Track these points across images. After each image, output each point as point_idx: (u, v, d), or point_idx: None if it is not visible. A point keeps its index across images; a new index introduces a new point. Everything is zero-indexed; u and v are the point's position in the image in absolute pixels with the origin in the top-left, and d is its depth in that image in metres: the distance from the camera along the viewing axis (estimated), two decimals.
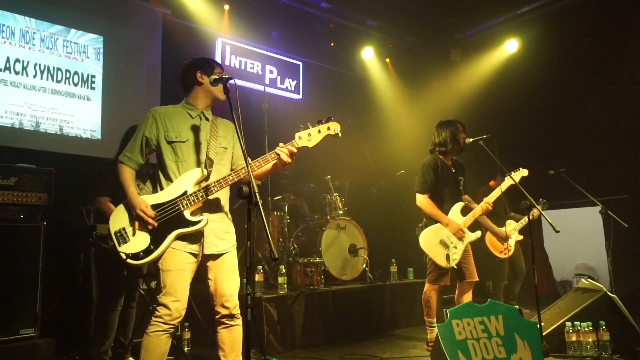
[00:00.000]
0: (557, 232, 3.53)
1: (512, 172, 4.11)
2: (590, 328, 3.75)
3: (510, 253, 5.43)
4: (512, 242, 5.40)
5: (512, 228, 5.48)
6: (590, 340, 3.73)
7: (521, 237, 5.55)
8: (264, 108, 5.34)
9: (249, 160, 2.83)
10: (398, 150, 7.24)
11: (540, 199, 5.49)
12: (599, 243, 5.81)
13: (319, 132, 2.70)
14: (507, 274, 5.49)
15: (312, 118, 2.75)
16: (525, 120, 7.03)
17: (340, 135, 2.73)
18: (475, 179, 5.85)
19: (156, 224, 2.51)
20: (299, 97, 7.00)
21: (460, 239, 3.98)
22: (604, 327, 3.74)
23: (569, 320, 3.85)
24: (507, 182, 4.08)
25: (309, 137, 2.68)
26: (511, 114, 7.03)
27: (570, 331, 3.79)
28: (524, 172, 4.17)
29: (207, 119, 2.78)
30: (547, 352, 3.57)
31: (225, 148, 2.77)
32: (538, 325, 3.06)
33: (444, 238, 3.99)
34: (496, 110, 7.07)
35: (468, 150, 4.25)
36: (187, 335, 4.38)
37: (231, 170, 2.80)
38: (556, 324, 3.88)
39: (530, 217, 3.67)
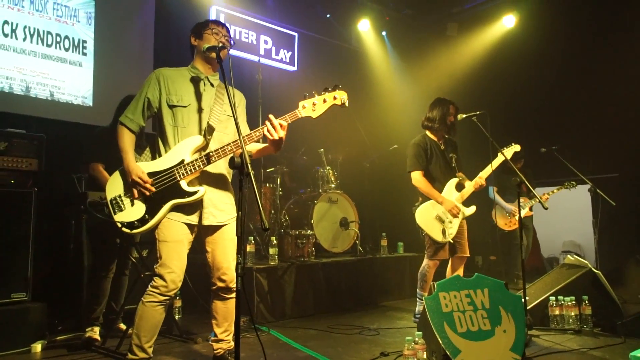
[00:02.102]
0: (546, 209, 3.60)
1: (505, 148, 4.13)
2: (574, 302, 3.87)
3: (514, 226, 5.64)
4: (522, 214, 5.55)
5: (522, 203, 5.63)
6: (572, 314, 3.85)
7: (530, 212, 5.73)
8: (258, 79, 5.29)
9: (246, 129, 2.83)
10: (392, 125, 7.24)
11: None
12: (587, 221, 5.95)
13: (325, 101, 2.62)
14: (516, 244, 5.69)
15: (307, 90, 2.68)
16: (520, 97, 7.05)
17: (347, 104, 2.66)
18: (472, 156, 5.93)
19: (154, 190, 2.49)
20: (294, 68, 6.96)
21: (456, 215, 4.03)
22: (586, 302, 3.85)
23: (553, 295, 3.96)
24: (499, 159, 4.12)
25: (313, 106, 2.60)
26: (506, 90, 7.03)
27: (554, 305, 3.91)
28: (516, 148, 4.19)
29: (212, 84, 2.74)
30: (530, 325, 3.70)
31: (230, 116, 2.73)
32: (523, 299, 3.15)
33: (439, 213, 4.05)
34: (491, 87, 7.06)
35: (455, 133, 4.28)
36: (178, 303, 4.45)
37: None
38: (540, 298, 3.99)
39: (522, 197, 3.74)
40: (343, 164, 6.09)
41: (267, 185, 5.51)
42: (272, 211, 5.40)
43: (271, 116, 2.55)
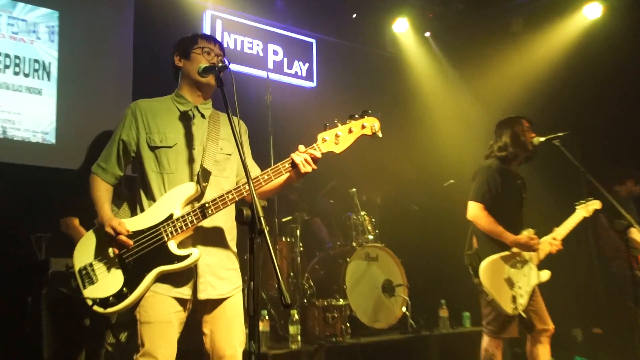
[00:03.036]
0: None
1: (581, 203, 4.11)
2: None
3: None
4: None
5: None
6: None
7: None
8: (267, 101, 5.32)
9: (255, 171, 2.79)
10: (445, 153, 7.16)
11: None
12: None
13: (350, 131, 2.61)
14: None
15: (329, 112, 2.71)
16: (612, 111, 6.93)
17: (380, 135, 2.65)
18: (547, 194, 5.74)
19: (132, 243, 2.48)
20: (313, 84, 7.01)
21: (535, 248, 3.93)
22: None
23: None
24: (577, 216, 4.06)
25: (336, 138, 2.60)
26: (597, 101, 6.93)
27: None
28: (594, 204, 4.13)
29: (202, 115, 2.75)
30: None
31: (229, 155, 2.73)
32: None
33: (511, 274, 3.92)
34: (573, 98, 6.98)
35: (537, 155, 4.21)
36: None
37: (237, 184, 2.77)
38: None
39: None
40: (383, 207, 6.01)
41: (283, 239, 5.45)
42: (291, 274, 5.32)
43: (300, 146, 2.59)
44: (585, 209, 4.10)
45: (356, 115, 2.65)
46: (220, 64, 2.61)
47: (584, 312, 5.49)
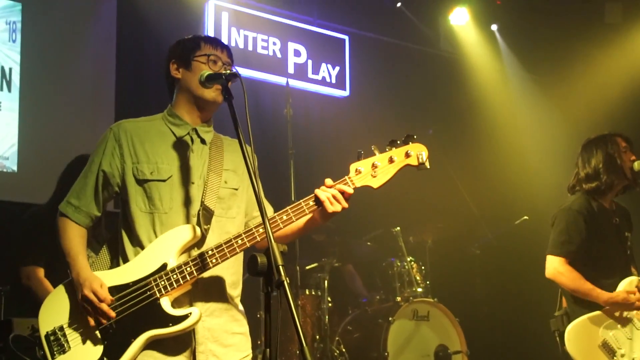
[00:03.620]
0: None
1: None
2: None
3: None
4: None
5: None
6: None
7: None
8: (286, 115, 5.38)
9: (268, 211, 2.80)
10: (518, 181, 7.18)
11: None
12: None
13: (391, 161, 2.64)
14: None
15: (365, 129, 2.77)
16: None
17: (428, 166, 2.67)
18: None
19: (114, 315, 2.50)
20: (345, 93, 7.06)
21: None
22: None
23: None
24: None
25: (373, 170, 2.63)
26: None
27: None
28: None
29: (202, 140, 2.80)
30: None
31: (235, 189, 2.77)
32: None
33: (608, 338, 3.90)
34: None
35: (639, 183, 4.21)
36: None
37: (245, 227, 2.81)
38: None
39: None
40: (435, 251, 6.01)
41: (307, 292, 5.49)
42: (317, 337, 5.34)
43: (328, 180, 2.60)
44: None
45: (398, 142, 2.68)
46: (229, 72, 2.64)
47: None
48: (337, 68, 7.07)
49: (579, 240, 4.03)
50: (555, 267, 4.03)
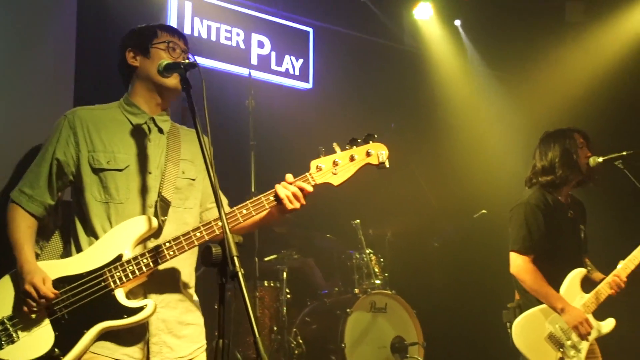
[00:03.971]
0: None
1: None
2: None
3: None
4: None
5: None
6: None
7: None
8: (248, 106, 5.41)
9: (224, 203, 2.84)
10: (476, 176, 7.25)
11: None
12: None
13: (352, 159, 2.70)
14: None
15: (329, 122, 2.79)
16: None
17: (387, 165, 2.75)
18: (609, 225, 5.78)
19: (42, 302, 2.47)
20: (308, 85, 7.07)
21: (585, 336, 3.95)
22: None
23: None
24: None
25: (334, 167, 2.68)
26: None
27: None
28: None
29: (160, 129, 2.81)
30: None
31: (193, 180, 2.79)
32: None
33: (554, 331, 3.99)
34: None
35: (597, 177, 4.28)
36: None
37: (201, 219, 2.82)
38: None
39: None
40: (394, 243, 6.07)
41: (266, 284, 5.50)
42: (275, 329, 5.37)
43: (289, 176, 2.65)
44: None
45: (359, 140, 2.73)
46: (187, 61, 2.65)
47: None
48: (301, 60, 7.07)
49: (538, 234, 4.11)
50: (520, 265, 4.10)
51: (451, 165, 7.37)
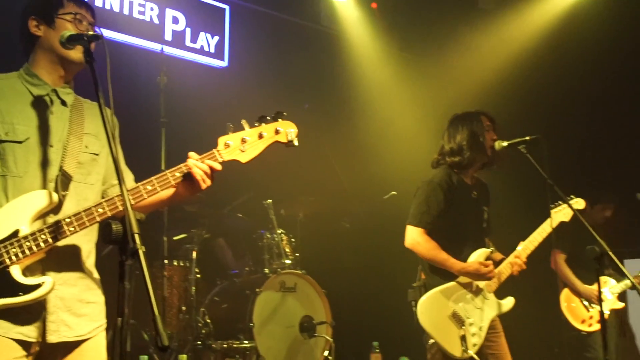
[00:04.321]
0: None
1: (558, 205, 4.31)
2: None
3: (596, 327, 5.66)
4: (605, 309, 5.58)
5: (608, 288, 5.74)
6: None
7: (621, 304, 5.80)
8: (159, 83, 5.35)
9: (127, 178, 2.80)
10: (388, 158, 7.33)
11: None
12: None
13: (261, 136, 2.68)
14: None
15: (243, 100, 2.78)
16: (602, 112, 7.18)
17: (296, 144, 2.75)
18: (514, 210, 5.94)
19: None
20: (223, 64, 7.03)
21: (489, 276, 4.07)
22: None
23: None
24: (559, 216, 4.23)
25: (242, 144, 2.66)
26: (579, 99, 7.18)
27: None
28: (577, 204, 4.36)
29: (63, 102, 2.73)
30: None
31: (96, 155, 2.73)
32: None
33: (457, 309, 4.08)
34: (553, 94, 7.22)
35: (501, 160, 4.39)
36: None
37: (107, 195, 2.76)
38: None
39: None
40: (306, 224, 6.09)
41: (175, 263, 5.47)
42: (183, 308, 5.35)
43: (192, 154, 2.62)
44: (562, 213, 4.26)
45: (268, 117, 2.72)
46: (91, 33, 2.60)
47: (545, 357, 5.68)
48: (216, 38, 7.02)
49: (437, 211, 4.19)
50: (414, 237, 4.17)
51: (363, 147, 7.43)
